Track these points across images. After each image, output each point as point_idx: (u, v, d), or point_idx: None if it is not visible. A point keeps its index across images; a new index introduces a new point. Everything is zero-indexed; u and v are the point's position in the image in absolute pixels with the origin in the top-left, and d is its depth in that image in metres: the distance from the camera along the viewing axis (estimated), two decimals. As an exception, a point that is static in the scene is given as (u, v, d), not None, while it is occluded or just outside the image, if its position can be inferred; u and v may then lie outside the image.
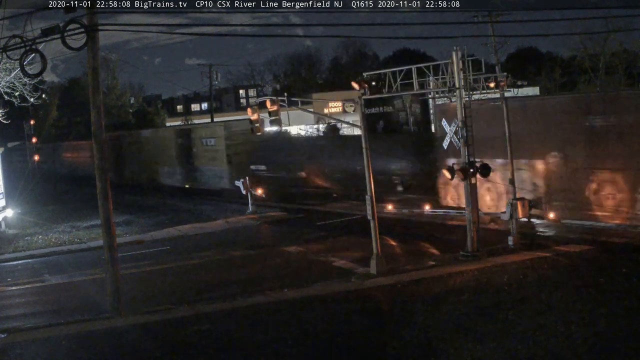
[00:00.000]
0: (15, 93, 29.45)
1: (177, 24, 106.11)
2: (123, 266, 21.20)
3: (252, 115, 23.37)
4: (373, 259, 21.08)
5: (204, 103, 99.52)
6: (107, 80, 68.91)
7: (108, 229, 18.56)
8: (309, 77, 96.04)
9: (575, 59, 58.86)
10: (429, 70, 23.08)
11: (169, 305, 18.92)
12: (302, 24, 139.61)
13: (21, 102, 30.39)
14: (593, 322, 14.65)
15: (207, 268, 24.18)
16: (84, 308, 19.35)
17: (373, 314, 17.40)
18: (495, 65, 24.17)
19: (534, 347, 13.46)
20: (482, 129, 24.76)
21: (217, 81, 78.24)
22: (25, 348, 15.82)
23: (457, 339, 14.26)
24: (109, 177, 18.71)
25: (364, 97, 21.93)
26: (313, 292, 19.47)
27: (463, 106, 21.97)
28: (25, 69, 19.73)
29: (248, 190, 35.82)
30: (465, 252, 21.98)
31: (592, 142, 24.18)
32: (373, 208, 21.25)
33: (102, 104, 18.60)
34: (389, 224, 26.92)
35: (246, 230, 31.74)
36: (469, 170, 21.83)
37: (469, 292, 17.90)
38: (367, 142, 21.70)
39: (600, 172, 23.97)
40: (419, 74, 23.16)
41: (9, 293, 22.77)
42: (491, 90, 23.56)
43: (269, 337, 15.61)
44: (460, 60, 21.74)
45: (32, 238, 31.96)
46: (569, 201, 25.14)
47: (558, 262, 20.43)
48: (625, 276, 18.25)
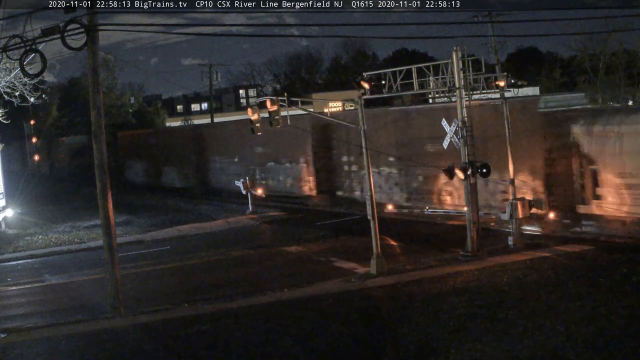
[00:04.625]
0: (15, 93, 29.46)
1: (175, 24, 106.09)
2: (123, 266, 21.23)
3: (252, 115, 23.37)
4: (373, 259, 21.08)
5: (204, 103, 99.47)
6: (107, 80, 68.81)
7: (108, 229, 18.57)
8: (309, 77, 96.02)
9: (575, 59, 58.89)
10: (429, 70, 23.07)
11: (169, 305, 18.92)
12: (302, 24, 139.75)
13: (21, 102, 30.40)
14: (593, 322, 14.64)
15: (207, 268, 24.17)
16: (84, 308, 19.35)
17: (373, 313, 17.41)
18: (495, 65, 24.19)
19: (534, 347, 13.46)
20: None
21: (217, 81, 78.21)
22: (25, 348, 15.83)
23: (457, 339, 14.26)
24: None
25: (364, 97, 21.93)
26: (313, 292, 19.47)
27: (463, 106, 21.99)
28: (25, 69, 19.74)
29: (248, 190, 35.84)
30: (465, 252, 21.99)
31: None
32: (373, 208, 21.24)
33: (102, 104, 18.61)
34: (389, 224, 26.93)
35: (246, 230, 31.74)
36: (469, 170, 21.84)
37: (469, 292, 17.90)
38: (367, 142, 21.71)
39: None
40: (419, 74, 23.16)
41: (9, 293, 22.76)
42: (491, 90, 23.56)
43: (269, 337, 15.60)
44: (460, 60, 21.74)
45: (32, 238, 31.96)
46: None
47: (558, 262, 20.43)
48: (625, 276, 18.25)
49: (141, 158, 58.79)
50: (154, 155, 55.96)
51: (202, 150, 49.40)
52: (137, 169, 60.28)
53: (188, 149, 51.04)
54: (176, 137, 55.77)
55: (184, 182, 51.52)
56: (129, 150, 62.03)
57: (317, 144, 37.66)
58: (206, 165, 48.83)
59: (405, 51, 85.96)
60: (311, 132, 36.04)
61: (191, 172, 50.62)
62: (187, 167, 51.22)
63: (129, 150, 61.90)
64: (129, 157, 61.37)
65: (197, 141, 50.21)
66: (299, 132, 33.39)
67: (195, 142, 50.38)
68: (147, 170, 57.68)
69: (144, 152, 58.26)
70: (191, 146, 50.66)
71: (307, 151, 38.12)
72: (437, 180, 30.19)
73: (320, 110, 47.31)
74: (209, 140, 49.24)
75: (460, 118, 22.00)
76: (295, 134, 35.03)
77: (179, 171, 52.42)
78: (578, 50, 56.29)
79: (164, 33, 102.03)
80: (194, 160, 50.20)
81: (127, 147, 62.22)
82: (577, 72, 59.15)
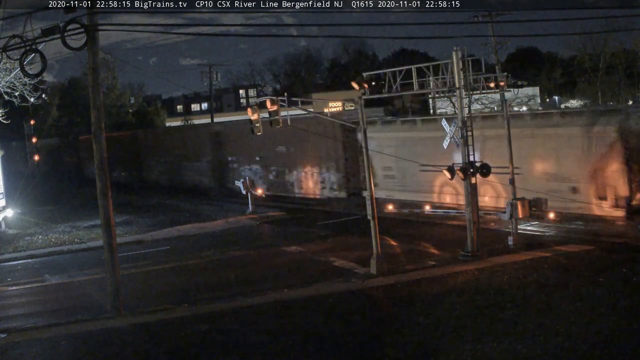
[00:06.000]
0: (15, 93, 29.44)
1: (174, 24, 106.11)
2: (123, 266, 21.21)
3: (252, 115, 23.37)
4: (373, 259, 21.09)
5: (204, 103, 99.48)
6: (107, 80, 68.84)
7: (108, 229, 18.57)
8: (309, 77, 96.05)
9: (575, 59, 58.91)
10: (429, 70, 23.06)
11: (169, 305, 18.92)
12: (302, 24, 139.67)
13: (21, 102, 30.38)
14: (593, 322, 14.64)
15: (207, 268, 24.18)
16: (84, 308, 19.35)
17: (373, 314, 17.41)
18: (495, 65, 24.20)
19: (534, 347, 13.46)
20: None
21: (217, 81, 78.24)
22: (25, 348, 15.83)
23: (457, 339, 14.26)
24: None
25: (364, 97, 21.93)
26: (313, 292, 19.47)
27: (463, 106, 21.99)
28: (25, 69, 19.73)
29: (248, 190, 35.83)
30: (465, 252, 21.98)
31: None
32: (373, 208, 21.24)
33: (102, 104, 18.60)
34: (389, 224, 26.92)
35: (246, 230, 31.75)
36: (469, 170, 21.84)
37: (469, 292, 17.89)
38: (366, 143, 21.71)
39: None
40: (419, 74, 23.14)
41: (9, 293, 22.77)
42: (491, 90, 23.56)
43: (269, 337, 15.60)
44: (460, 60, 21.72)
45: (32, 238, 31.96)
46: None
47: (558, 262, 20.43)
48: (625, 276, 18.26)
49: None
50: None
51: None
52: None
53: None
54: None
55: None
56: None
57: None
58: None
59: (405, 51, 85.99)
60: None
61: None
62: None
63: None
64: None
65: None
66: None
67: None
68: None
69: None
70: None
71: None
72: (286, 174, 39.63)
73: (320, 110, 47.28)
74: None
75: (460, 118, 22.01)
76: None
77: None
78: (578, 50, 56.32)
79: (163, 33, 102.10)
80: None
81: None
82: (577, 72, 59.15)
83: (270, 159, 41.07)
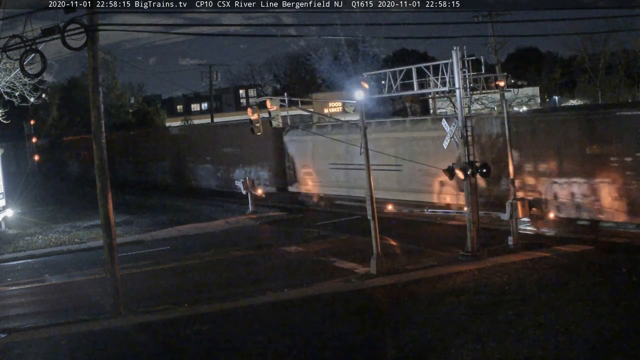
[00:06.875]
0: (15, 93, 29.46)
1: (174, 24, 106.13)
2: (123, 266, 21.23)
3: (252, 115, 23.37)
4: (373, 259, 21.09)
5: (204, 103, 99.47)
6: (107, 80, 68.83)
7: (108, 229, 18.57)
8: (309, 77, 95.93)
9: (575, 59, 58.92)
10: (429, 70, 23.06)
11: (169, 305, 18.92)
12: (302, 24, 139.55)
13: (21, 102, 30.39)
14: (593, 322, 14.65)
15: (207, 268, 24.17)
16: (84, 308, 19.34)
17: (373, 313, 17.41)
18: (495, 65, 24.20)
19: (534, 347, 13.47)
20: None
21: (217, 81, 78.18)
22: (25, 348, 15.83)
23: (457, 339, 14.26)
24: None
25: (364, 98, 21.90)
26: (313, 292, 19.48)
27: (463, 106, 21.99)
28: (25, 69, 19.74)
29: (248, 191, 35.83)
30: (465, 252, 21.99)
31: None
32: (373, 208, 21.24)
33: (102, 104, 18.60)
34: (389, 224, 26.91)
35: (246, 230, 31.74)
36: (469, 170, 21.84)
37: (469, 292, 17.90)
38: (367, 143, 21.69)
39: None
40: (419, 74, 23.14)
41: (9, 293, 22.77)
42: (491, 91, 23.57)
43: (268, 337, 15.61)
44: (460, 60, 21.72)
45: (32, 238, 31.95)
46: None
47: (558, 262, 20.43)
48: (625, 276, 18.26)
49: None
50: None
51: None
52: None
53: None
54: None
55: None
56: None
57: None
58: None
59: (405, 51, 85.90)
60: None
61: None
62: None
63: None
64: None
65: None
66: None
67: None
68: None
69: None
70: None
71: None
72: (230, 172, 43.03)
73: (320, 110, 47.30)
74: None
75: (460, 118, 22.01)
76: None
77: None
78: (578, 50, 56.30)
79: (163, 33, 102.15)
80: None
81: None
82: (577, 72, 59.16)
83: (218, 159, 44.87)
